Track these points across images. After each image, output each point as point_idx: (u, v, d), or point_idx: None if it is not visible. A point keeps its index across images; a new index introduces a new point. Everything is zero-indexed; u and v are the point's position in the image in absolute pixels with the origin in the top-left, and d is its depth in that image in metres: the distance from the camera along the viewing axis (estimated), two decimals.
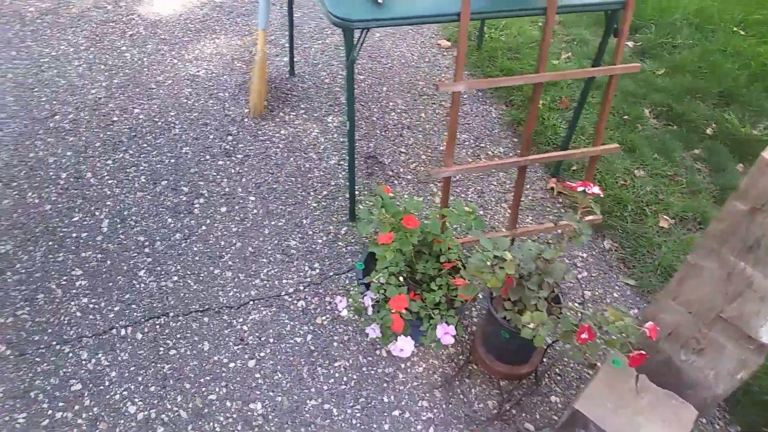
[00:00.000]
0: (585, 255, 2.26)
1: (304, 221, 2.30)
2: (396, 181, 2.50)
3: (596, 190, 1.49)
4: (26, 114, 2.60)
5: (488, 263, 1.37)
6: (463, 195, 2.47)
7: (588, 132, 2.76)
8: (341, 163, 2.56)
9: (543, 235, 2.32)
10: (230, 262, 2.13)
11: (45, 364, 1.81)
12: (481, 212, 2.38)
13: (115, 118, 2.63)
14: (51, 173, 2.37)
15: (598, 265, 2.23)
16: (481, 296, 1.98)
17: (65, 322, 1.91)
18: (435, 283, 1.75)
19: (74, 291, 2.00)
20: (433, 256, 1.82)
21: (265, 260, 2.15)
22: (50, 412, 1.70)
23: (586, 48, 3.31)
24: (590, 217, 2.12)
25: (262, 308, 2.01)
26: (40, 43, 2.98)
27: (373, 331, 1.69)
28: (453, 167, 1.94)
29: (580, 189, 1.49)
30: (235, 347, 1.90)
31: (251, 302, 2.03)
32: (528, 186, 2.52)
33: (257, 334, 1.93)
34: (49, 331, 1.88)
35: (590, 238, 2.16)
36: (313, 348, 1.91)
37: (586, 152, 2.10)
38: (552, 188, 2.51)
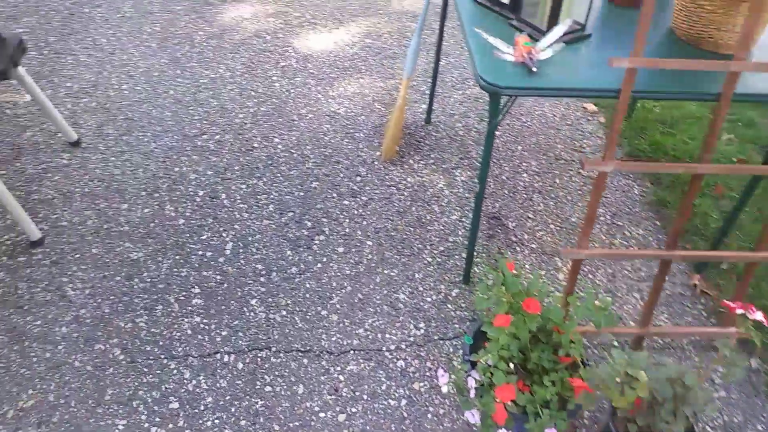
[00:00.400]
0: (725, 371, 1.98)
1: (416, 275, 2.24)
2: (518, 248, 2.37)
3: (759, 316, 1.28)
4: (179, 130, 2.80)
5: (617, 379, 1.21)
6: (590, 276, 2.28)
7: (744, 227, 2.46)
8: (462, 220, 2.47)
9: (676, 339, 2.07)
10: (338, 306, 2.11)
11: (150, 376, 1.87)
12: (609, 297, 2.18)
13: (255, 145, 2.75)
14: (190, 189, 2.51)
15: (741, 386, 1.94)
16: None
17: (176, 337, 1.98)
18: (548, 378, 1.60)
19: (189, 308, 2.07)
20: (551, 346, 1.67)
21: (371, 309, 2.11)
22: (146, 425, 1.75)
23: (751, 131, 2.99)
24: (739, 329, 1.86)
25: (361, 360, 1.96)
26: (202, 65, 3.22)
27: (473, 417, 1.57)
28: (588, 250, 1.78)
29: (739, 312, 1.29)
30: (329, 396, 1.85)
31: (352, 351, 1.98)
32: (666, 278, 2.27)
33: (352, 387, 1.88)
34: (161, 343, 1.96)
35: (745, 373, 1.87)
36: (406, 415, 1.82)
37: (744, 257, 1.85)
38: (695, 285, 2.25)
